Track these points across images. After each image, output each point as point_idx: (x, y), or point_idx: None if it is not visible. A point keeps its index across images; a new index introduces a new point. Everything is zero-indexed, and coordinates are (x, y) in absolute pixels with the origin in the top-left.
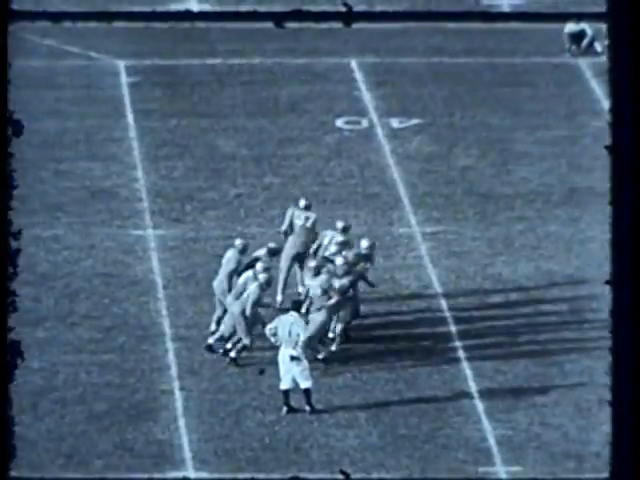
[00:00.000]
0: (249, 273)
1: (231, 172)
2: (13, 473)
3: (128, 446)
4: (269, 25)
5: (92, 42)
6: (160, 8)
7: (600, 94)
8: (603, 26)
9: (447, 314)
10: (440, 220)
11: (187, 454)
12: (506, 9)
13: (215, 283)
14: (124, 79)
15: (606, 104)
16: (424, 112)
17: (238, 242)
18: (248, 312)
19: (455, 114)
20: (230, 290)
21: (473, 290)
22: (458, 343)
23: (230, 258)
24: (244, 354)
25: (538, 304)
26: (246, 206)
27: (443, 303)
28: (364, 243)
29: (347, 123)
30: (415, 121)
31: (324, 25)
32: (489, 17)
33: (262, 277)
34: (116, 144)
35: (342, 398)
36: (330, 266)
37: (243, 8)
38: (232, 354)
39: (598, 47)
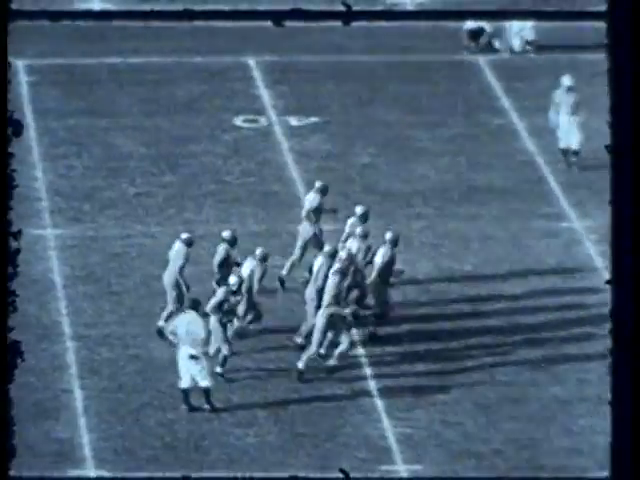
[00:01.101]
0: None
1: (129, 171)
2: (13, 473)
3: (28, 445)
4: (165, 24)
5: None
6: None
7: (499, 91)
8: (504, 24)
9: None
10: (340, 218)
11: (87, 452)
12: (410, 7)
13: (165, 278)
14: (23, 78)
15: (505, 101)
16: (322, 110)
17: (185, 236)
18: (256, 287)
19: (353, 112)
20: (186, 285)
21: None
22: (357, 341)
23: (178, 253)
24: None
25: (437, 301)
26: (145, 205)
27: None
28: (388, 236)
29: (245, 121)
30: (313, 119)
31: (221, 24)
32: (488, 15)
33: (258, 251)
34: (15, 143)
35: (241, 396)
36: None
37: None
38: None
39: (497, 44)
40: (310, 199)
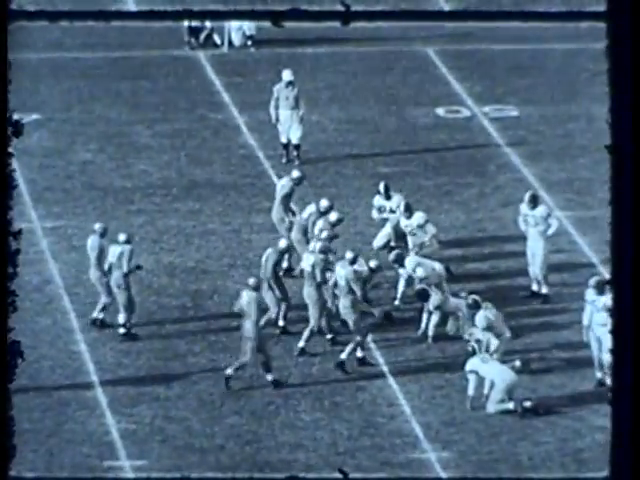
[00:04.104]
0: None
1: None
2: (13, 473)
3: None
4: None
5: None
6: None
7: (220, 86)
8: (226, 23)
9: (68, 307)
10: (60, 215)
11: None
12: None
13: (90, 274)
14: None
15: (225, 96)
16: (42, 107)
17: (97, 226)
18: (263, 273)
19: (74, 108)
20: (104, 272)
21: (92, 285)
22: (80, 336)
23: (93, 245)
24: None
25: (158, 296)
26: None
27: (66, 298)
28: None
29: None
30: (34, 116)
31: None
32: (489, 16)
33: (280, 242)
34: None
35: None
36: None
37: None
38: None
39: (217, 39)
40: (283, 185)
